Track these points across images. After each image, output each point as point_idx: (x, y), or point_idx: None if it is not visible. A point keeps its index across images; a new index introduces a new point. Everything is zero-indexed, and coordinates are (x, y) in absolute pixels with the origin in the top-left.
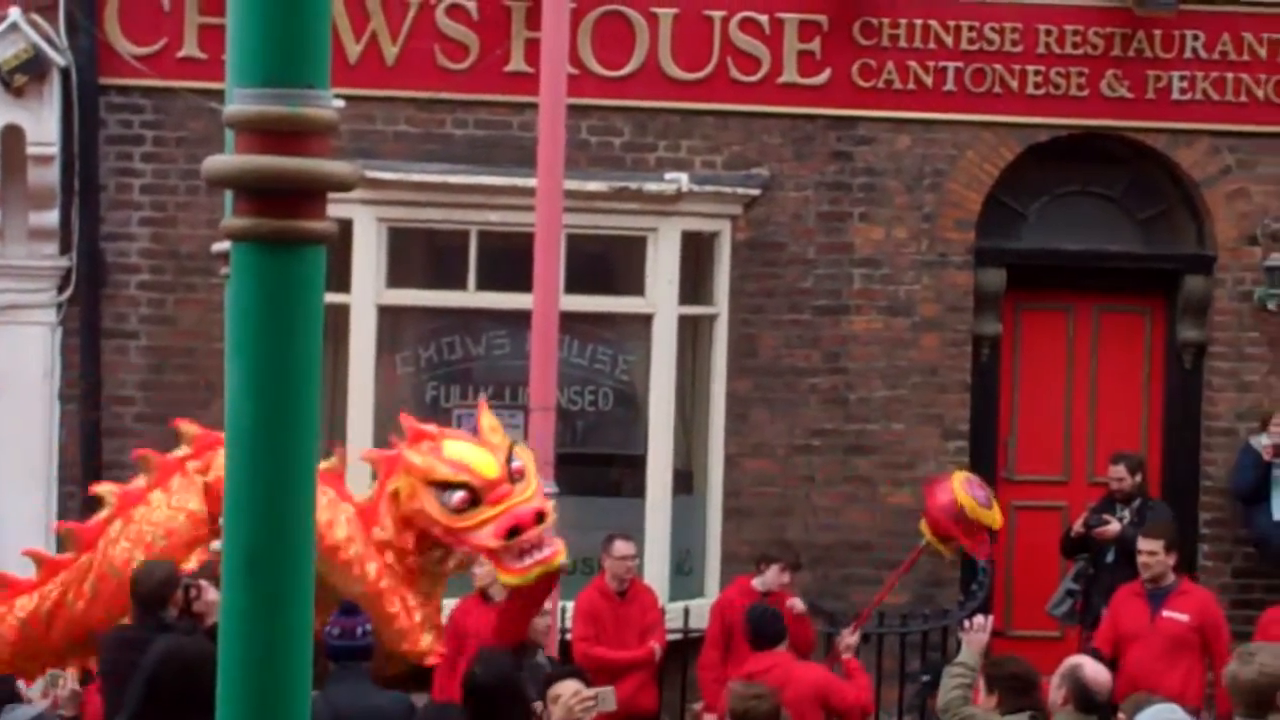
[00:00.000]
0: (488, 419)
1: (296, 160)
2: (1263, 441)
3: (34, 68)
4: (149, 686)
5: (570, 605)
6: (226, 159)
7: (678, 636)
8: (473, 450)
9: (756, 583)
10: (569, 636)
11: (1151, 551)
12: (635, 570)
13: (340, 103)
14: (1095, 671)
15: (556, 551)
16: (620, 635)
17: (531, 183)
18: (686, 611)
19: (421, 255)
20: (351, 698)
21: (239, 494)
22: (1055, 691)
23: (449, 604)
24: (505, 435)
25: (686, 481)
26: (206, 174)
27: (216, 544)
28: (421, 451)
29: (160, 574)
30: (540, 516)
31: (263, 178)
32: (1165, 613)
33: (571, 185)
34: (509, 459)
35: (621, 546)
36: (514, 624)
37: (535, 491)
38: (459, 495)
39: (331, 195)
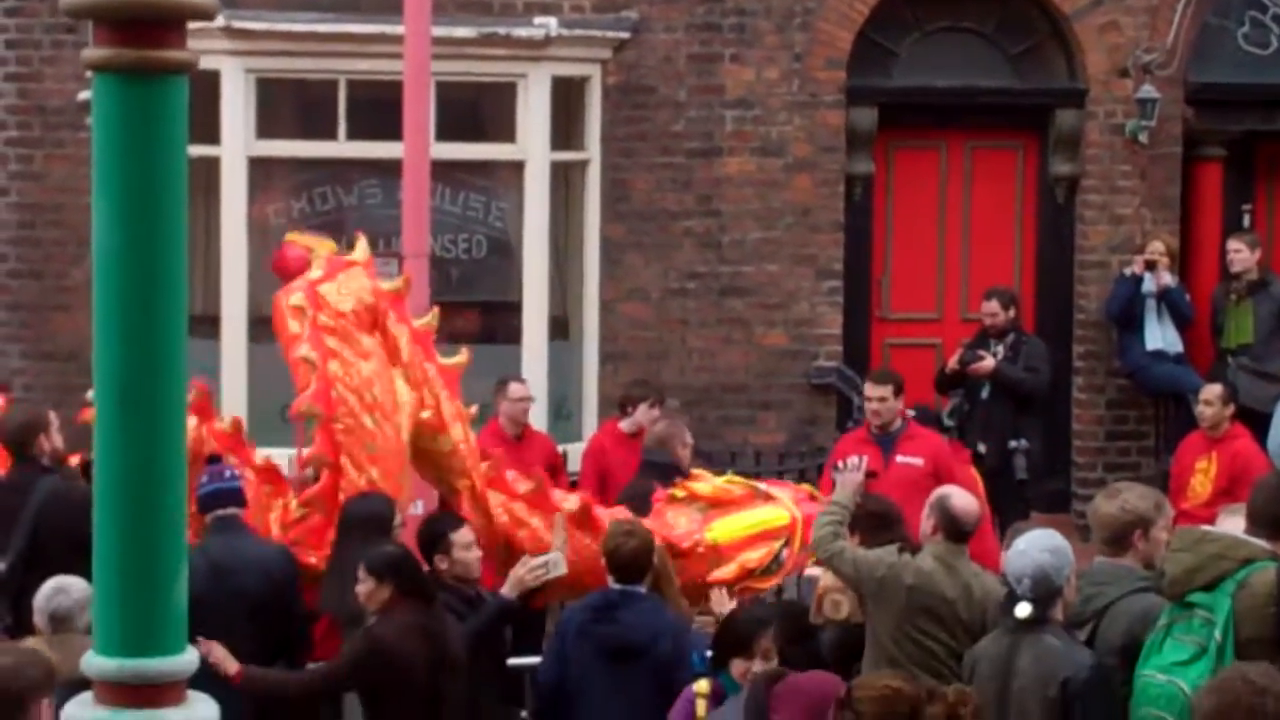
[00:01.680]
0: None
1: None
2: (1134, 269)
3: None
4: (34, 530)
5: None
6: None
7: None
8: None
9: (625, 425)
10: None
11: (881, 398)
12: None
13: None
14: (963, 501)
15: None
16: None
17: (399, 30)
18: (565, 456)
19: (291, 106)
20: (229, 549)
21: (108, 324)
22: (925, 522)
23: None
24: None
25: (562, 327)
26: (66, 6)
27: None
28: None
29: (22, 417)
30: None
31: (122, 7)
32: (899, 458)
33: (439, 32)
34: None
35: (517, 388)
36: None
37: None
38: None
39: (200, 46)
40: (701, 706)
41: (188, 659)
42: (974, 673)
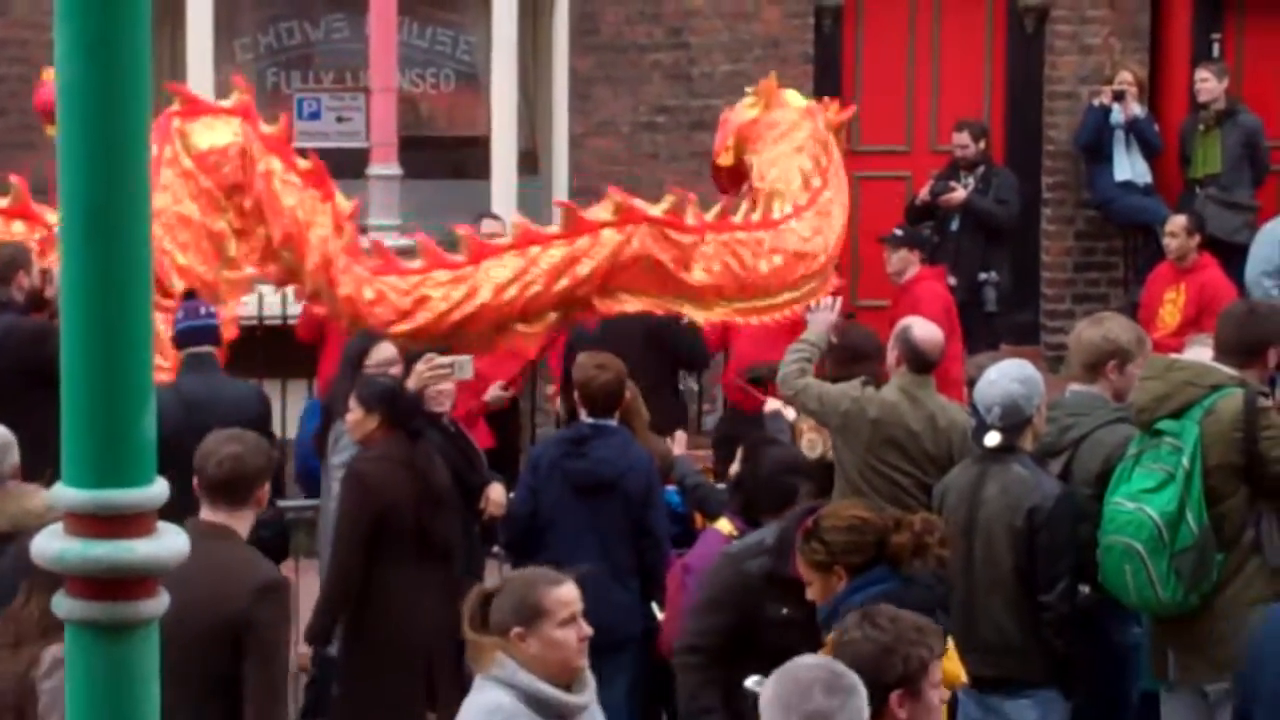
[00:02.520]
0: None
1: None
2: (1103, 100)
3: None
4: None
5: None
6: None
7: None
8: None
9: None
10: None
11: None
12: None
13: None
14: (925, 331)
15: None
16: None
17: None
18: None
19: None
20: (203, 387)
21: (73, 153)
22: (890, 353)
23: None
24: None
25: (532, 162)
26: None
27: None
28: None
29: (6, 253)
30: None
31: None
32: None
33: None
34: None
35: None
36: None
37: None
38: None
39: None
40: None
41: (157, 490)
42: (942, 503)
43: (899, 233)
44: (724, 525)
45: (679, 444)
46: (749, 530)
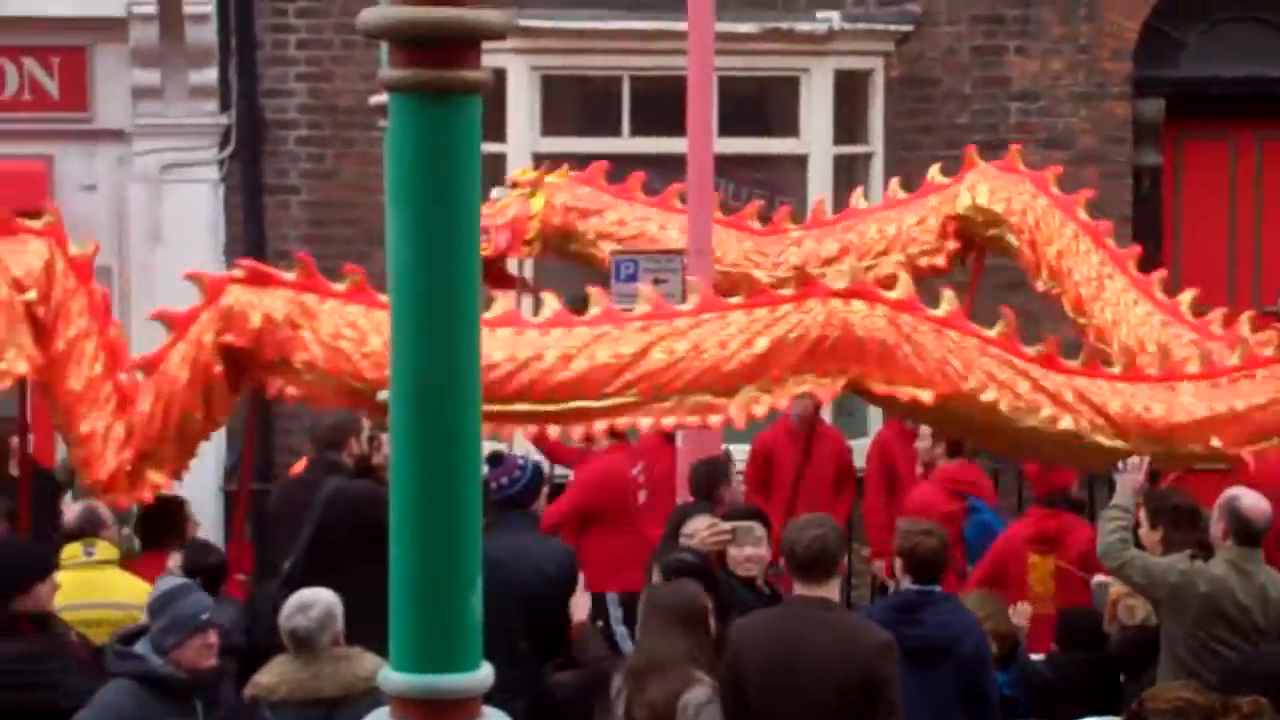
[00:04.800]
0: None
1: (450, 10)
2: None
3: None
4: (317, 528)
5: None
6: (382, 11)
7: None
8: None
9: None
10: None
11: None
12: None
13: None
14: (1253, 502)
15: None
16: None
17: (682, 26)
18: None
19: (575, 102)
20: (511, 545)
21: (404, 338)
22: (1215, 526)
23: None
24: None
25: None
26: (362, 26)
27: (384, 394)
28: None
29: (334, 419)
30: None
31: (418, 28)
32: None
33: (722, 28)
34: None
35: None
36: None
37: None
38: None
39: (485, 45)
40: None
41: (483, 675)
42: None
43: None
44: None
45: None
46: None
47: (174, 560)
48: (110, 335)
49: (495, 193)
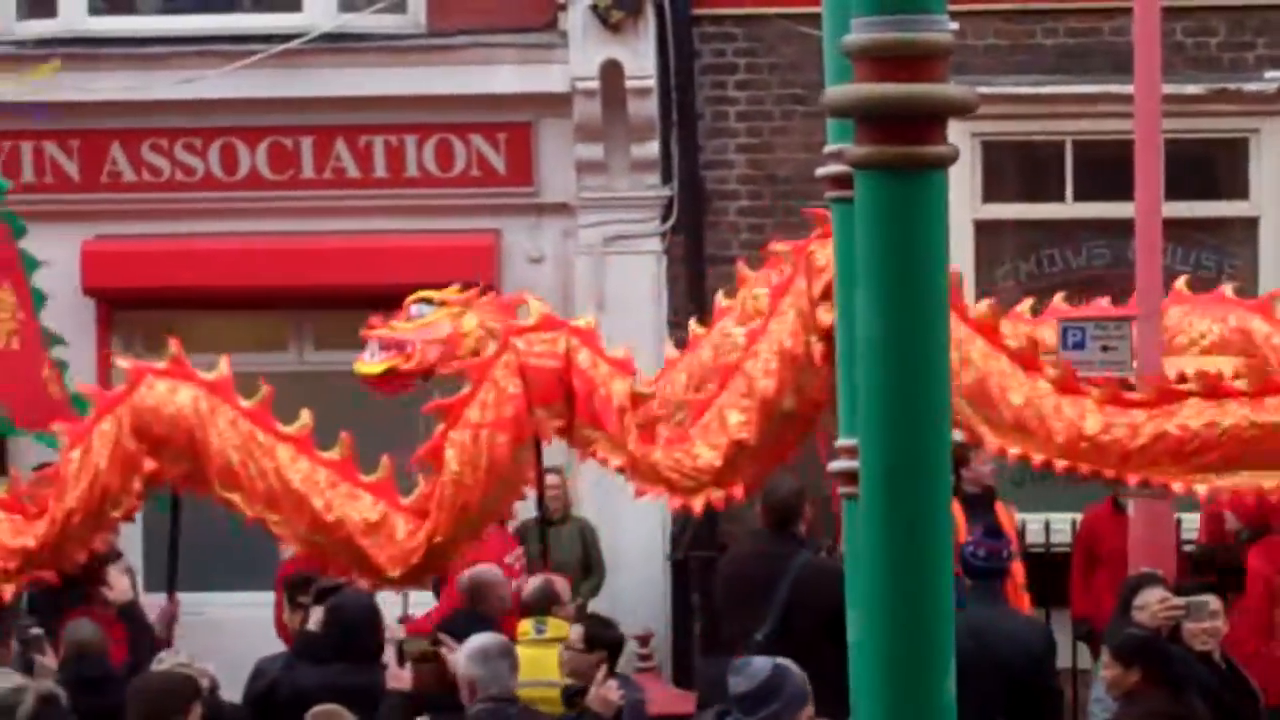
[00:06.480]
0: None
1: (916, 86)
2: None
3: (630, 3)
4: (788, 605)
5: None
6: (847, 89)
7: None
8: None
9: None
10: None
11: None
12: None
13: (954, 25)
14: None
15: None
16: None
17: (1126, 89)
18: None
19: (1016, 168)
20: (989, 618)
21: (873, 415)
22: None
23: None
24: None
25: None
26: (828, 103)
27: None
28: None
29: (788, 488)
30: None
31: (884, 105)
32: None
33: (1169, 89)
34: None
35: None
36: None
37: None
38: None
39: None
40: None
41: None
42: None
43: None
44: None
45: None
46: None
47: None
48: None
49: (415, 309)
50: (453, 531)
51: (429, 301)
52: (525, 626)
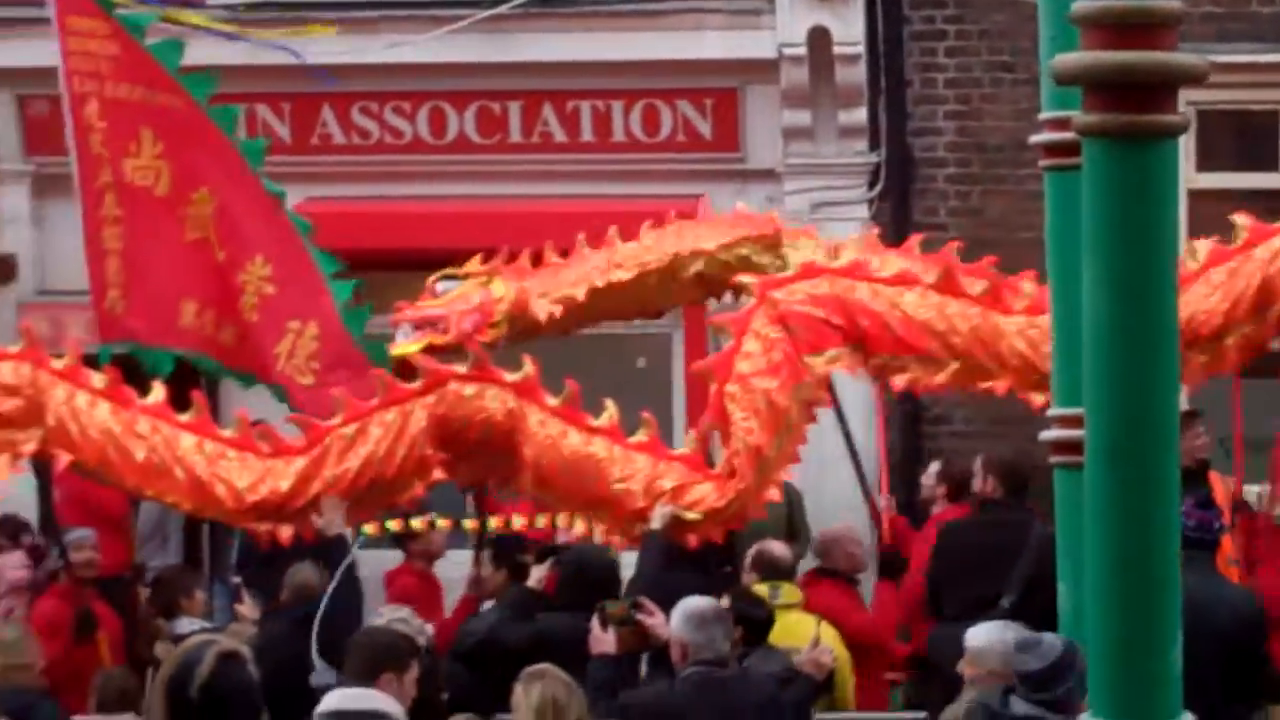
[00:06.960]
0: None
1: (1147, 54)
2: None
3: None
4: (1030, 578)
5: None
6: (1077, 56)
7: None
8: None
9: None
10: None
11: None
12: None
13: None
14: None
15: None
16: None
17: None
18: None
19: (1231, 138)
20: (1201, 586)
21: (1100, 385)
22: None
23: None
24: None
25: None
26: (1055, 72)
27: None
28: None
29: (1014, 453)
30: None
31: (1114, 73)
32: None
33: None
34: None
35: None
36: None
37: None
38: None
39: None
40: None
41: None
42: None
43: None
44: None
45: None
46: None
47: None
48: None
49: (440, 286)
50: (753, 478)
51: (453, 277)
52: (762, 589)
